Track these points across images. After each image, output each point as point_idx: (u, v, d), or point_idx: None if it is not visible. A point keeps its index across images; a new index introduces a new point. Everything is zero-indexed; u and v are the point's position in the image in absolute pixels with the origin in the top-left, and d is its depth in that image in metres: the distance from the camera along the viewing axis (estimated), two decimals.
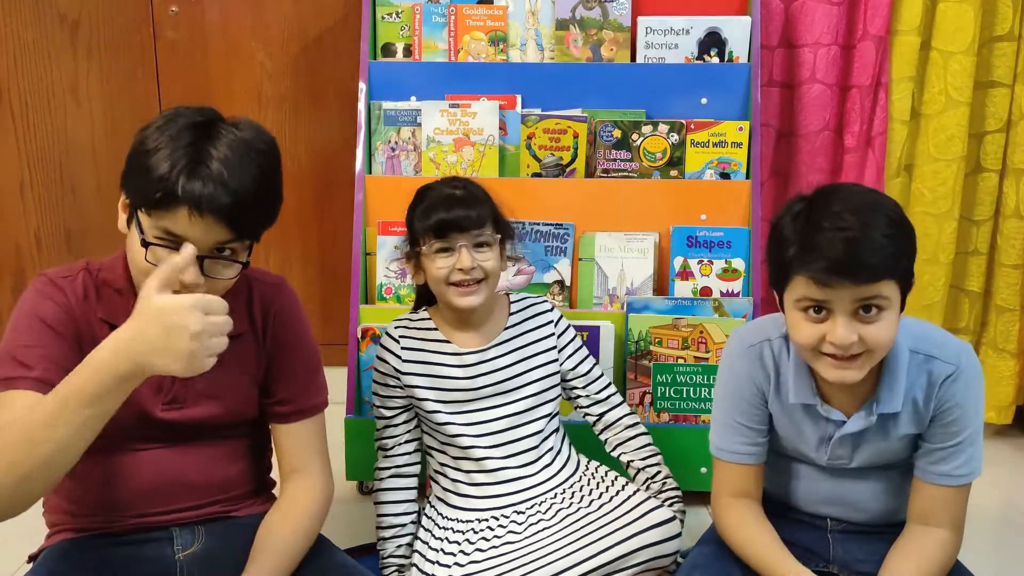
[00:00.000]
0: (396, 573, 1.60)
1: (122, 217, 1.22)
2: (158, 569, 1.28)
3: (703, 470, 1.95)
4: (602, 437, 1.74)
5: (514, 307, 1.66)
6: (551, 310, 1.68)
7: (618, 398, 1.73)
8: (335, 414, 1.99)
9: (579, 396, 1.70)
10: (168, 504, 1.31)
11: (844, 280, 1.14)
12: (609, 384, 1.73)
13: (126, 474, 1.28)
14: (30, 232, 2.56)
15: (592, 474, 1.66)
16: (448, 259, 1.51)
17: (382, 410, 1.64)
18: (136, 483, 1.29)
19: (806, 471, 1.40)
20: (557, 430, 1.68)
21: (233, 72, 2.47)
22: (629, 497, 1.55)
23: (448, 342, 1.60)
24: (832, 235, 1.14)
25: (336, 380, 2.07)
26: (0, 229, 2.56)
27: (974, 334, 2.42)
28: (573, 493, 1.61)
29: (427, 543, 1.58)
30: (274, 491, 1.46)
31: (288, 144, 2.51)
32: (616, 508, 1.52)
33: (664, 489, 1.67)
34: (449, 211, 1.50)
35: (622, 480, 1.62)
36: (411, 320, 1.65)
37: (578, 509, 1.56)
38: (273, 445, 1.39)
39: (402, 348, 1.61)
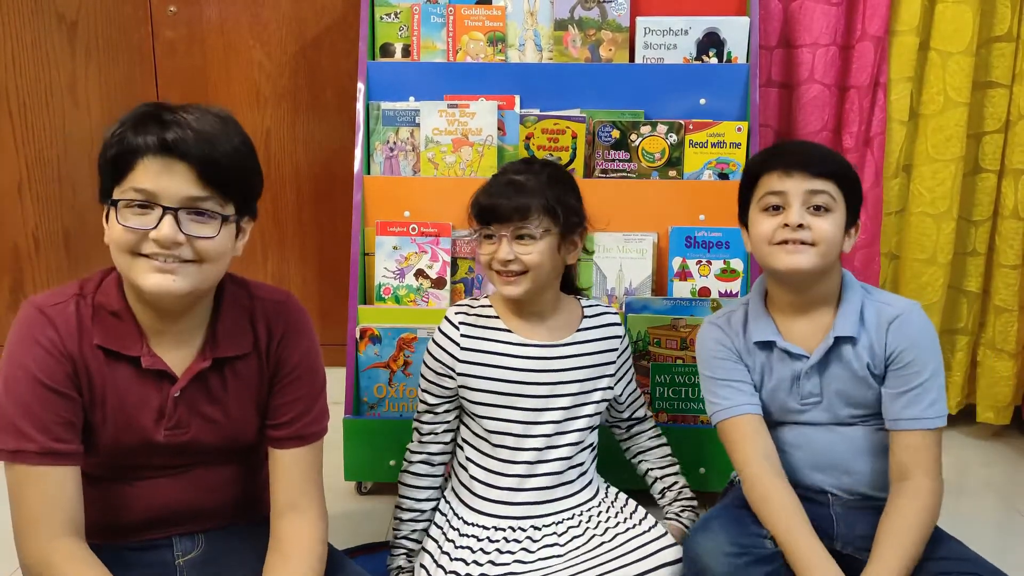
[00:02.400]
0: (405, 556, 1.58)
1: (106, 231, 1.18)
2: (158, 573, 1.28)
3: (702, 470, 1.95)
4: (624, 445, 1.76)
5: (588, 311, 1.61)
6: (620, 325, 1.64)
7: (649, 414, 1.75)
8: (334, 414, 1.99)
9: (616, 413, 1.71)
10: (167, 529, 1.30)
11: (802, 169, 1.38)
12: (644, 403, 1.74)
13: (125, 504, 1.26)
14: (28, 232, 2.55)
15: (612, 502, 1.60)
16: (491, 246, 1.48)
17: (427, 395, 1.59)
18: (135, 513, 1.27)
19: (790, 435, 1.47)
20: (591, 447, 1.62)
21: (231, 72, 2.46)
22: (644, 532, 1.51)
23: (509, 331, 1.55)
24: (795, 144, 1.54)
25: (334, 380, 2.07)
26: None
27: (972, 335, 2.42)
28: (590, 518, 1.56)
29: (438, 542, 1.55)
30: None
31: (286, 144, 2.51)
32: (630, 541, 1.49)
33: (679, 498, 1.70)
34: (492, 198, 1.46)
35: (641, 512, 1.57)
36: (471, 307, 1.58)
37: (592, 537, 1.52)
38: (269, 472, 1.32)
39: (461, 335, 1.55)
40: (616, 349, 1.62)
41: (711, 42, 2.12)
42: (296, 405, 1.29)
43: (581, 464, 1.59)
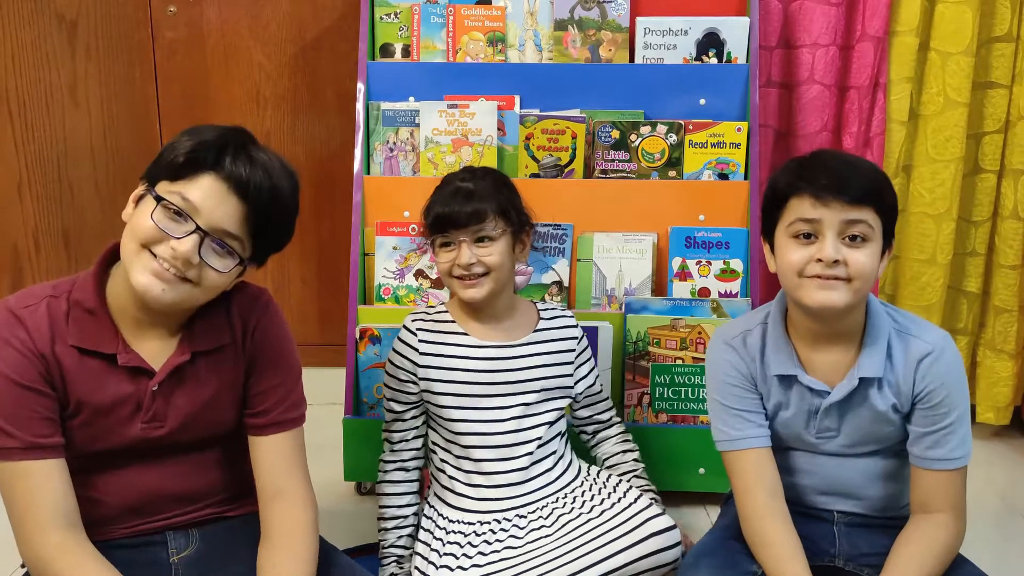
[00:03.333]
0: (395, 563, 1.60)
1: (129, 208, 1.21)
2: (152, 573, 1.28)
3: (701, 471, 1.95)
4: (592, 452, 1.77)
5: (544, 314, 1.67)
6: (576, 327, 1.69)
7: (616, 418, 1.76)
8: (334, 415, 2.01)
9: (581, 414, 1.74)
10: (157, 514, 1.31)
11: (838, 196, 1.25)
12: (611, 406, 1.76)
13: (111, 492, 1.27)
14: (28, 232, 2.55)
15: (594, 480, 1.65)
16: (450, 253, 1.54)
17: (393, 404, 1.64)
18: (121, 500, 1.28)
19: (801, 460, 1.42)
20: (561, 435, 1.67)
21: (231, 73, 2.46)
22: (630, 504, 1.54)
23: (466, 334, 1.61)
24: (829, 162, 1.30)
25: (334, 381, 2.08)
26: None
27: (972, 335, 2.42)
28: (575, 498, 1.61)
29: (427, 544, 1.58)
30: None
31: (286, 145, 2.51)
32: (617, 515, 1.53)
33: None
34: (447, 206, 1.52)
35: (624, 486, 1.61)
36: (428, 313, 1.65)
37: (579, 515, 1.56)
38: (252, 461, 1.34)
39: (420, 341, 1.61)
40: (574, 350, 1.66)
41: (711, 42, 2.12)
42: (273, 393, 1.32)
43: (555, 452, 1.64)
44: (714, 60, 2.12)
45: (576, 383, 1.67)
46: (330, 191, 2.53)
